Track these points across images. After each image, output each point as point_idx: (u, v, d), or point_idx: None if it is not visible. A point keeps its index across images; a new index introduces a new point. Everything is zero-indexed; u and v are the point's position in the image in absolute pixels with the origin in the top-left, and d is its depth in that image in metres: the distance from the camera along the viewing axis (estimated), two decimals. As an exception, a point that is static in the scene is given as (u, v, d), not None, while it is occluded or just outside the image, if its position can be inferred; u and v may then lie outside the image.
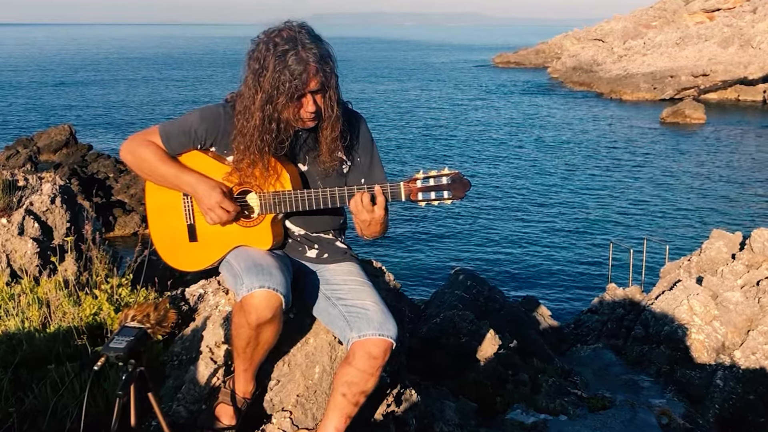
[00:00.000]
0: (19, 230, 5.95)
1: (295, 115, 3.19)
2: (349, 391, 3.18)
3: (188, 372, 3.68)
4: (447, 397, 4.97)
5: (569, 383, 6.88)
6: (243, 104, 3.22)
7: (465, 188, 3.14)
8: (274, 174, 3.29)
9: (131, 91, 68.03)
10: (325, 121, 3.25)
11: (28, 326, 4.21)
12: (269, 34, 3.15)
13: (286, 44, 3.08)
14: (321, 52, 3.12)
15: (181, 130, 3.36)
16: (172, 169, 3.35)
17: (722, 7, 65.05)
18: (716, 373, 7.70)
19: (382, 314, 3.20)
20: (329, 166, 3.36)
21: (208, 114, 3.37)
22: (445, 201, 3.16)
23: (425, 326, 7.00)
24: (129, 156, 3.41)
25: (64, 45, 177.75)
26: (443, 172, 3.15)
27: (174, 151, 3.38)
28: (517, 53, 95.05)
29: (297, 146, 3.39)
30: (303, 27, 3.17)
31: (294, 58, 3.06)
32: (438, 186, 3.14)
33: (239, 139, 3.24)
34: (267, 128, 3.19)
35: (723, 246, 10.32)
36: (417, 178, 3.16)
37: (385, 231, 3.37)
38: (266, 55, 3.11)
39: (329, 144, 3.31)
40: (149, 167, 3.38)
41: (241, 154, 3.26)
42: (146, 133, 3.42)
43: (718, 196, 28.22)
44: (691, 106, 46.51)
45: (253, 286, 3.05)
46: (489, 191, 29.03)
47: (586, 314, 10.99)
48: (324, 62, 3.13)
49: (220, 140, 3.37)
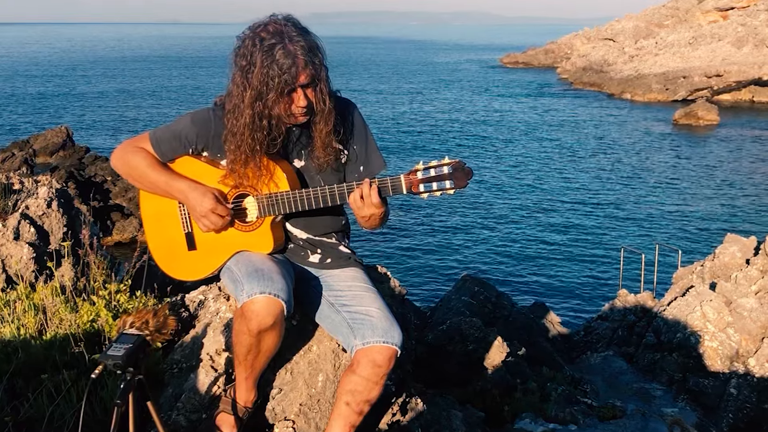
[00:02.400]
0: (15, 235, 5.96)
1: (286, 110, 3.18)
2: (353, 400, 3.17)
3: (188, 380, 3.69)
4: (453, 405, 4.96)
5: (579, 392, 6.87)
6: (232, 103, 3.21)
7: (467, 177, 3.10)
8: (268, 174, 3.28)
9: (130, 91, 68.06)
10: (317, 114, 3.24)
11: (24, 333, 4.22)
12: (254, 30, 3.14)
13: (273, 38, 3.07)
14: (309, 44, 3.11)
15: (171, 135, 3.36)
16: (163, 176, 3.35)
17: (736, 6, 65.00)
18: (730, 382, 7.67)
19: (386, 321, 3.20)
20: (324, 161, 3.35)
21: (198, 118, 3.37)
22: (448, 191, 3.12)
23: (431, 333, 6.99)
24: (119, 164, 3.42)
25: (62, 45, 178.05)
26: (444, 162, 3.11)
27: (165, 156, 3.38)
28: (526, 53, 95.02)
29: (290, 143, 3.39)
30: (289, 20, 3.16)
31: (282, 51, 3.05)
32: (439, 176, 3.10)
33: (230, 138, 3.23)
34: (258, 126, 3.17)
35: (737, 251, 10.30)
36: (417, 169, 3.13)
37: (384, 222, 3.37)
38: (253, 50, 3.10)
39: (323, 138, 3.29)
40: (139, 175, 3.38)
41: (232, 154, 3.25)
42: (136, 140, 3.42)
43: (731, 199, 28.16)
44: (704, 107, 46.43)
45: (253, 292, 3.05)
46: (496, 195, 29.00)
47: (597, 321, 10.96)
48: (313, 54, 3.11)
49: (212, 144, 3.37)
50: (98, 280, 4.81)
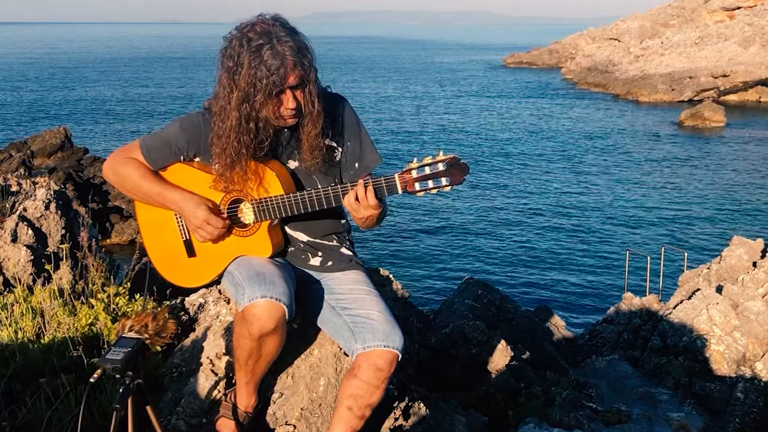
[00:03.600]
0: (12, 237, 5.96)
1: (274, 113, 3.15)
2: (354, 405, 3.17)
3: (188, 384, 3.69)
4: (457, 410, 4.96)
5: (584, 396, 6.86)
6: (219, 105, 3.18)
7: (463, 172, 3.06)
8: (257, 178, 3.26)
9: (129, 92, 68.07)
10: (305, 117, 3.21)
11: (22, 337, 4.22)
12: (242, 30, 3.11)
13: (261, 39, 3.04)
14: (298, 44, 3.08)
15: (161, 142, 3.35)
16: (156, 186, 3.34)
17: (743, 5, 64.96)
18: (737, 386, 7.66)
19: (388, 324, 3.20)
20: (311, 163, 3.31)
21: (188, 123, 3.35)
22: (444, 188, 3.07)
23: (434, 337, 6.98)
24: (111, 174, 3.42)
25: (59, 44, 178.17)
26: (438, 158, 3.07)
27: (156, 164, 3.37)
28: (530, 53, 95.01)
29: (279, 146, 3.37)
30: (277, 20, 3.12)
31: (270, 52, 3.02)
32: (435, 173, 3.06)
33: (215, 141, 3.21)
34: (245, 128, 3.14)
35: (744, 253, 10.29)
36: (411, 167, 3.08)
37: (381, 221, 3.35)
38: (240, 51, 3.06)
39: (311, 141, 3.25)
40: (131, 185, 3.38)
41: (218, 157, 3.23)
42: (127, 149, 3.41)
43: (738, 201, 28.14)
44: (710, 108, 46.40)
45: (255, 296, 3.05)
46: (499, 196, 28.99)
47: (602, 324, 10.95)
48: (302, 55, 3.08)
49: (203, 149, 3.35)
50: (97, 282, 4.81)
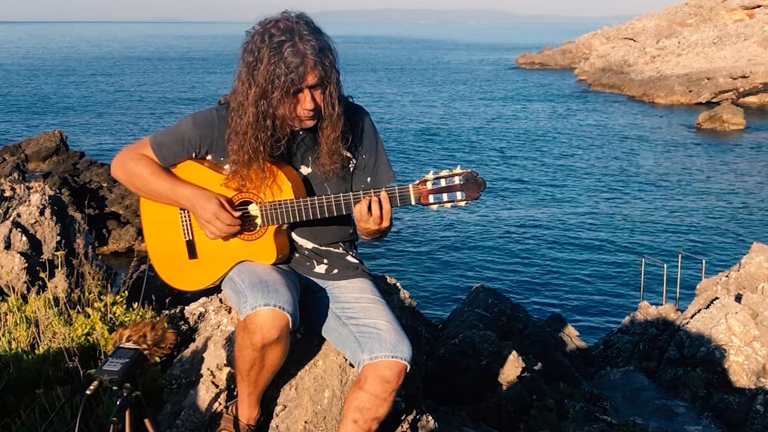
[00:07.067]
0: (6, 244, 5.97)
1: (291, 112, 3.16)
2: (360, 418, 3.16)
3: (188, 397, 3.69)
4: (466, 423, 4.95)
5: (598, 409, 6.86)
6: (237, 100, 3.20)
7: (480, 188, 3.07)
8: (271, 177, 3.26)
9: (128, 92, 68.16)
10: (325, 119, 3.22)
11: (16, 347, 4.22)
12: (265, 25, 3.13)
13: (283, 35, 3.05)
14: (320, 44, 3.09)
15: (173, 138, 3.36)
16: (167, 182, 3.34)
17: (763, 4, 64.90)
18: (756, 398, 7.65)
19: (395, 334, 3.19)
20: (330, 168, 3.33)
21: (201, 119, 3.36)
22: (459, 203, 3.08)
23: (443, 347, 6.99)
24: (120, 172, 3.42)
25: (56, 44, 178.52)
26: (455, 172, 3.08)
27: (167, 161, 3.37)
28: (542, 53, 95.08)
29: (295, 146, 3.37)
30: (301, 18, 3.14)
31: (290, 50, 3.03)
32: (450, 187, 3.07)
33: (233, 137, 3.22)
34: (261, 125, 3.16)
35: (764, 261, 10.27)
36: (427, 179, 3.10)
37: (386, 234, 3.35)
38: (261, 46, 3.08)
39: (330, 145, 3.27)
40: (142, 183, 3.38)
41: (235, 154, 3.24)
42: (137, 146, 3.41)
43: (758, 207, 28.08)
44: (729, 110, 46.32)
45: (257, 304, 3.04)
46: (511, 201, 28.98)
47: (616, 334, 10.95)
48: (323, 55, 3.09)
49: (216, 146, 3.36)
50: (93, 291, 4.81)
